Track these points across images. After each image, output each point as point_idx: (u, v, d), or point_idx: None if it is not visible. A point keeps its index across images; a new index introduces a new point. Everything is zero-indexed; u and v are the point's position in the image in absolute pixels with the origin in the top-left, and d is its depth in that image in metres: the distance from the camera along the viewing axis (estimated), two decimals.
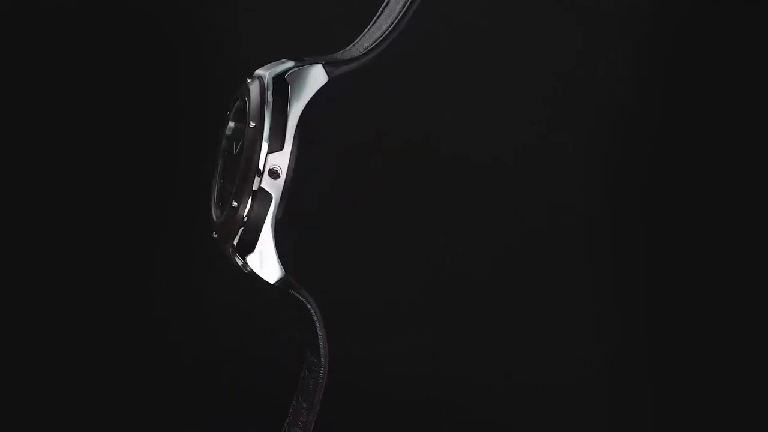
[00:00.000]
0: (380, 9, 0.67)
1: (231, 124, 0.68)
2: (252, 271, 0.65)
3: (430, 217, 0.92)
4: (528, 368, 0.92)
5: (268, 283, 0.65)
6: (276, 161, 0.63)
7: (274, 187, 0.63)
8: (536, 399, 0.92)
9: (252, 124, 0.64)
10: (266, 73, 0.66)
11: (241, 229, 0.64)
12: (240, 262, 0.65)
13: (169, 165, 0.90)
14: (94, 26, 0.90)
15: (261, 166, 0.63)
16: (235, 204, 0.64)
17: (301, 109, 0.64)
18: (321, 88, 0.64)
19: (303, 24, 0.90)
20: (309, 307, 0.65)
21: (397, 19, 0.66)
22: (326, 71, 0.65)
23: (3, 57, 0.90)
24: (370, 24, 0.67)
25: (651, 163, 0.92)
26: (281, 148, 0.63)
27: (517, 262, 0.92)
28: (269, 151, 0.63)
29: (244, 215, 0.63)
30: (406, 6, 0.66)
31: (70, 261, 0.90)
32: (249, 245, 0.64)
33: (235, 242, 0.64)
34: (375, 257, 0.92)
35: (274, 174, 0.64)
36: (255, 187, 0.63)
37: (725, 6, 0.91)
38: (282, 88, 0.65)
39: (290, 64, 0.66)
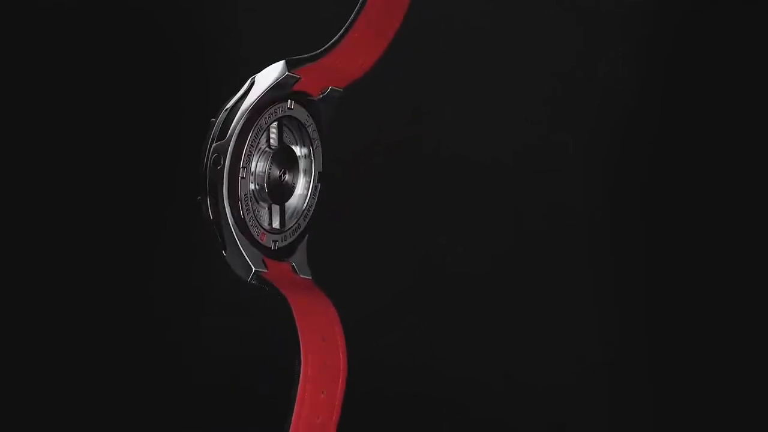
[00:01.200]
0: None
1: None
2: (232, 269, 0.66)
3: (429, 217, 0.92)
4: (528, 368, 0.92)
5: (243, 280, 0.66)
6: (218, 149, 0.65)
7: (219, 176, 0.65)
8: (536, 399, 0.92)
9: (212, 120, 0.65)
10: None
11: (213, 225, 0.65)
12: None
13: (169, 165, 0.90)
14: (94, 26, 0.90)
15: (209, 157, 0.65)
16: (199, 198, 0.65)
17: (253, 101, 0.65)
18: (279, 81, 0.66)
19: (303, 24, 0.90)
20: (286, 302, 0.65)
21: (353, 16, 0.67)
22: (287, 66, 0.66)
23: (3, 57, 0.90)
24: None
25: (651, 163, 0.92)
26: (225, 137, 0.65)
27: (517, 262, 0.92)
28: (216, 141, 0.65)
29: (208, 209, 0.65)
30: (360, 3, 0.67)
31: (70, 261, 0.90)
32: (222, 241, 0.65)
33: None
34: (374, 256, 0.92)
35: (216, 162, 0.65)
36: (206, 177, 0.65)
37: (725, 6, 0.91)
38: (249, 86, 0.66)
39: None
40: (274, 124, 0.66)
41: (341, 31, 0.66)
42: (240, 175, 0.64)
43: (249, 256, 0.65)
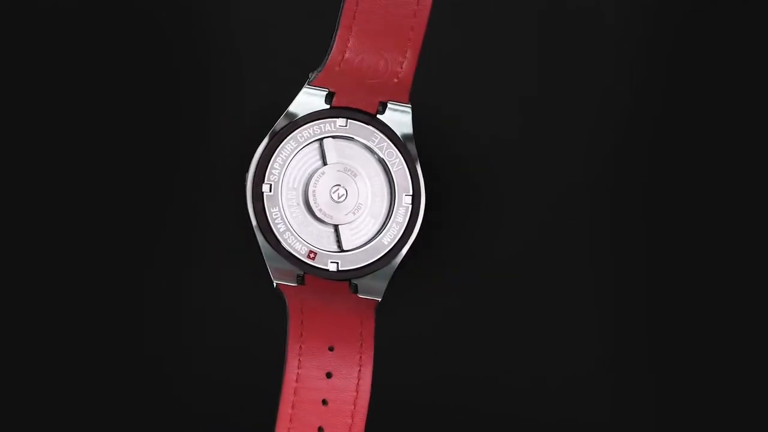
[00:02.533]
0: None
1: None
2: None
3: (428, 216, 0.92)
4: (528, 368, 0.92)
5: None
6: (247, 168, 0.65)
7: (243, 192, 0.66)
8: (537, 399, 0.92)
9: None
10: None
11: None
12: None
13: (169, 165, 0.90)
14: (94, 26, 0.90)
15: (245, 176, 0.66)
16: None
17: (280, 119, 0.65)
18: (298, 96, 0.66)
19: (303, 24, 0.90)
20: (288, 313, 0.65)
21: (337, 22, 0.67)
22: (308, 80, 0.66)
23: (3, 57, 0.90)
24: None
25: (651, 163, 0.92)
26: (252, 154, 0.66)
27: (517, 262, 0.92)
28: (252, 159, 0.66)
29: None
30: (341, 6, 0.67)
31: (69, 261, 0.90)
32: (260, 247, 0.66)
33: None
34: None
35: (244, 178, 0.66)
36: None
37: (725, 6, 0.91)
38: None
39: None
40: (327, 141, 0.64)
41: (333, 35, 0.66)
42: (263, 191, 0.64)
43: (272, 270, 0.65)
